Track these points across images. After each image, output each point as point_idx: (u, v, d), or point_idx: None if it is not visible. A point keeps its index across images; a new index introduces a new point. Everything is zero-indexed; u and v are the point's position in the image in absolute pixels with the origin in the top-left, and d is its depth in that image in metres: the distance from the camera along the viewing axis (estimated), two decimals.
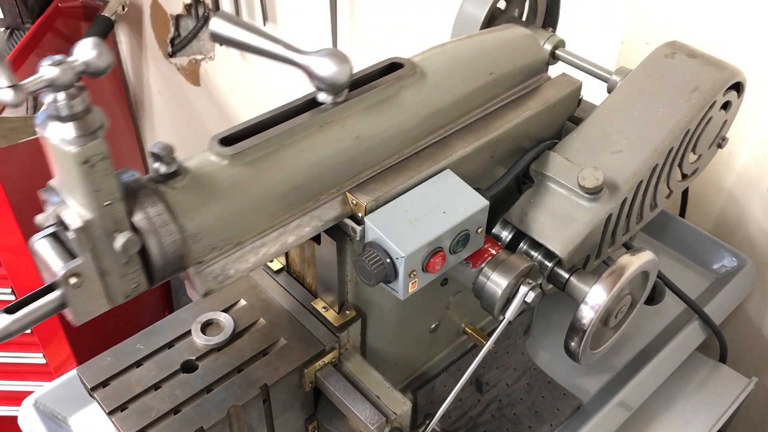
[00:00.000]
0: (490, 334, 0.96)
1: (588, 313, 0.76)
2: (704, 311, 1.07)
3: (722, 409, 1.07)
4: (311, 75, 0.66)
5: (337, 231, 0.74)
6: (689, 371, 1.11)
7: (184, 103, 1.90)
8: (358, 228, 0.71)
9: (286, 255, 0.85)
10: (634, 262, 0.77)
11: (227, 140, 0.66)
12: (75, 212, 0.56)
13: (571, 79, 0.89)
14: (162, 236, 0.59)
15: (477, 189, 0.75)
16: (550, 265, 0.82)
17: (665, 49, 0.91)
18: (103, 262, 0.58)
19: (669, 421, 1.06)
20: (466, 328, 0.96)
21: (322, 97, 0.69)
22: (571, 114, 0.91)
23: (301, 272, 0.84)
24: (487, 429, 0.97)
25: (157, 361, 0.76)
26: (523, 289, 0.74)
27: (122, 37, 1.81)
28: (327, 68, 0.66)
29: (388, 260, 0.69)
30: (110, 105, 1.83)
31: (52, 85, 0.50)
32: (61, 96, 0.51)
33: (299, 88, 0.69)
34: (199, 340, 0.77)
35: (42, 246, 0.58)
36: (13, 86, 0.49)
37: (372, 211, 0.71)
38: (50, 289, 0.58)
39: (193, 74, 1.84)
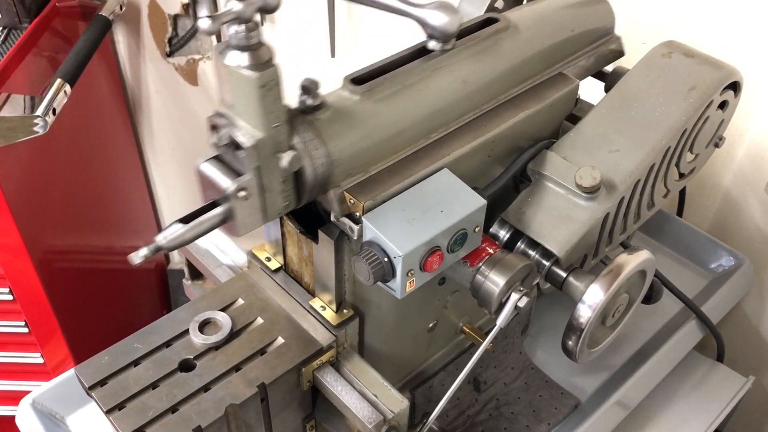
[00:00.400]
0: (487, 333, 0.96)
1: (585, 312, 0.76)
2: (701, 310, 1.07)
3: (719, 407, 1.07)
4: (425, 24, 0.73)
5: (334, 230, 0.74)
6: (686, 370, 1.11)
7: (181, 102, 1.90)
8: (356, 227, 0.71)
9: (284, 254, 0.85)
10: (631, 261, 0.77)
11: (357, 80, 0.74)
12: (248, 132, 0.63)
13: (569, 79, 0.89)
14: (315, 158, 0.67)
15: (474, 188, 0.75)
16: (547, 264, 0.82)
17: (662, 49, 0.91)
18: (265, 178, 0.65)
19: (666, 420, 1.07)
20: (464, 327, 0.96)
21: (433, 44, 0.77)
22: (568, 113, 0.91)
23: (299, 271, 0.84)
24: (485, 428, 0.97)
25: (155, 360, 0.76)
26: (514, 296, 0.74)
27: (120, 36, 1.81)
28: (440, 18, 0.72)
29: (386, 259, 0.69)
30: (108, 104, 1.82)
31: (238, 18, 0.58)
32: (242, 28, 0.58)
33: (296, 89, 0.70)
34: (197, 339, 0.77)
35: (207, 167, 0.66)
36: (212, 16, 0.56)
37: (370, 210, 0.71)
38: (213, 206, 0.65)
39: (190, 74, 1.84)
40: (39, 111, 1.19)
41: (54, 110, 1.22)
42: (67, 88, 1.27)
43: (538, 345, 1.08)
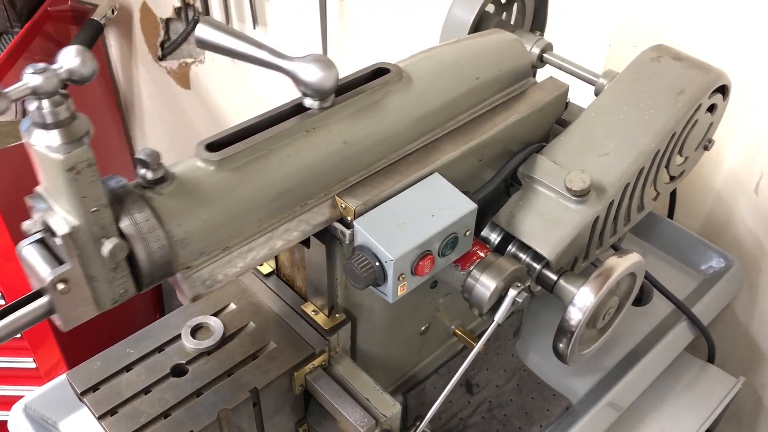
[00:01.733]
0: (479, 336, 0.96)
1: (576, 315, 0.76)
2: (692, 312, 1.08)
3: (710, 408, 1.08)
4: (297, 80, 0.67)
5: (326, 234, 0.74)
6: (678, 371, 1.12)
7: (174, 106, 1.90)
8: (348, 231, 0.71)
9: (276, 258, 0.85)
10: (621, 264, 0.77)
11: (214, 146, 0.66)
12: (62, 218, 0.56)
13: (558, 83, 0.90)
14: (149, 242, 0.59)
15: (465, 192, 0.76)
16: (538, 267, 0.82)
17: (651, 53, 0.92)
18: (90, 267, 0.58)
19: (658, 421, 1.07)
20: (456, 330, 0.96)
21: (309, 102, 0.70)
22: (558, 117, 0.91)
23: (291, 276, 0.85)
24: (478, 430, 0.98)
25: (147, 365, 0.76)
26: (512, 292, 0.74)
27: (112, 40, 1.81)
28: (313, 74, 0.66)
29: (377, 263, 0.69)
30: (100, 108, 1.82)
31: (36, 93, 0.50)
32: (46, 103, 0.51)
33: (289, 90, 0.70)
34: (189, 344, 0.78)
35: (29, 252, 0.58)
36: None
37: (361, 214, 0.71)
38: (38, 294, 0.58)
39: (183, 77, 1.84)
40: None
41: None
42: None
43: (530, 347, 1.08)
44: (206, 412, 0.72)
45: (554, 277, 0.81)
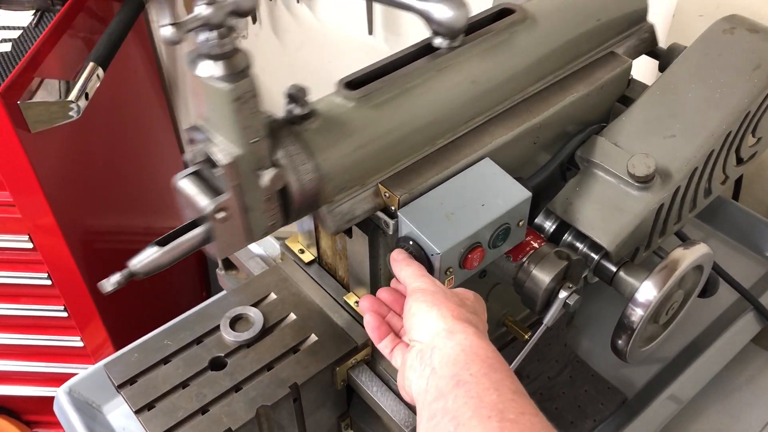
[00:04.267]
0: (530, 327, 0.92)
1: (637, 311, 0.71)
2: (759, 301, 1.01)
3: None
4: (430, 19, 0.67)
5: (369, 224, 0.70)
6: (742, 363, 1.06)
7: None
8: (391, 222, 0.68)
9: (318, 247, 0.82)
10: (687, 257, 0.72)
11: (352, 84, 0.67)
12: (224, 148, 0.58)
13: (621, 58, 0.84)
14: (301, 174, 0.62)
15: (518, 178, 0.71)
16: (596, 257, 0.77)
17: (724, 24, 0.85)
18: (247, 197, 0.60)
19: (718, 416, 1.02)
20: (506, 321, 0.92)
21: (439, 41, 0.71)
22: (620, 95, 0.86)
23: (333, 264, 0.81)
24: None
25: (185, 357, 0.74)
26: (562, 294, 0.70)
27: (155, 16, 1.79)
28: (445, 12, 0.67)
29: (423, 256, 0.65)
30: (144, 85, 1.81)
31: (207, 24, 0.52)
32: (214, 35, 0.53)
33: (338, 72, 0.69)
34: (228, 336, 0.75)
35: (186, 184, 0.60)
36: (174, 24, 0.50)
37: (406, 203, 0.67)
38: (194, 225, 0.60)
39: None
40: (71, 96, 1.18)
41: (87, 95, 1.21)
42: (100, 71, 1.25)
43: (583, 335, 1.04)
44: (245, 409, 0.70)
45: (614, 269, 0.76)
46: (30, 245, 1.34)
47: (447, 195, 0.68)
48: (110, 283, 0.59)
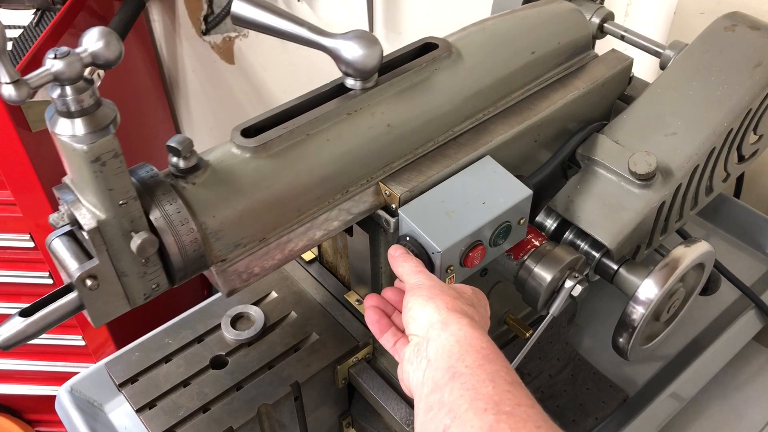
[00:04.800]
0: (532, 325, 0.92)
1: (639, 309, 0.71)
2: (761, 299, 1.01)
3: None
4: (338, 59, 0.63)
5: (370, 223, 0.70)
6: (743, 361, 1.06)
7: (218, 82, 1.88)
8: (392, 220, 0.67)
9: (318, 246, 0.82)
10: (688, 254, 0.72)
11: (250, 131, 0.62)
12: (88, 212, 0.53)
13: (621, 56, 0.83)
14: (181, 235, 0.56)
15: (519, 176, 0.71)
16: (597, 255, 0.77)
17: (725, 21, 0.84)
18: (120, 262, 0.55)
19: (720, 414, 1.01)
20: (508, 319, 0.92)
21: (351, 82, 0.66)
22: (621, 93, 0.85)
23: (334, 263, 0.81)
24: None
25: (186, 356, 0.74)
26: (568, 283, 0.69)
27: (155, 15, 1.78)
28: (354, 51, 0.62)
29: (424, 254, 0.65)
30: (145, 85, 1.81)
31: (58, 79, 0.47)
32: (69, 90, 0.48)
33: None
34: (229, 334, 0.75)
35: (58, 245, 0.55)
36: (16, 81, 0.46)
37: (406, 202, 0.67)
38: (69, 289, 0.55)
39: (227, 52, 1.81)
40: None
41: None
42: (101, 70, 1.25)
43: (584, 333, 1.03)
44: (246, 407, 0.70)
45: (615, 267, 0.76)
46: (31, 244, 1.34)
47: (448, 193, 0.68)
48: None
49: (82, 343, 1.52)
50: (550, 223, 0.79)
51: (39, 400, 1.67)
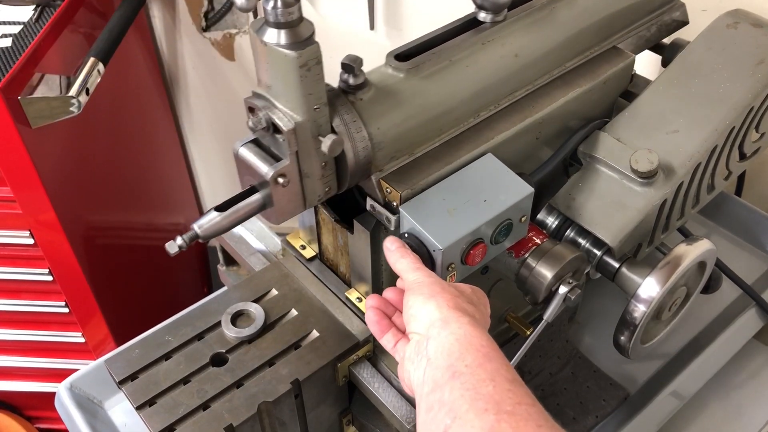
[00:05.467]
0: (533, 323, 0.91)
1: (640, 307, 0.71)
2: (762, 297, 1.01)
3: None
4: None
5: (370, 220, 0.70)
6: (744, 359, 1.06)
7: (218, 78, 1.87)
8: (393, 218, 0.67)
9: (319, 243, 0.82)
10: (690, 253, 0.72)
11: (401, 56, 0.69)
12: (286, 115, 0.59)
13: (623, 53, 0.83)
14: (356, 141, 0.63)
15: (521, 174, 0.70)
16: (598, 253, 0.77)
17: (727, 19, 0.84)
18: (305, 163, 0.62)
19: (721, 412, 1.01)
20: (508, 317, 0.92)
21: (483, 15, 0.73)
22: (623, 90, 0.85)
23: (335, 260, 0.81)
24: None
25: (186, 353, 0.74)
26: (562, 289, 0.69)
27: (155, 11, 1.78)
28: None
29: (425, 252, 0.65)
30: (145, 81, 1.81)
31: None
32: (280, 3, 0.54)
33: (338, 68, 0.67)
34: (229, 332, 0.75)
35: (245, 152, 0.62)
36: None
37: (407, 199, 0.67)
38: (251, 191, 0.63)
39: (227, 49, 1.81)
40: (72, 92, 1.17)
41: (87, 90, 1.20)
42: (101, 66, 1.24)
43: (585, 331, 1.03)
44: (246, 405, 0.69)
45: (616, 265, 0.76)
46: (31, 241, 1.33)
47: (449, 191, 0.68)
48: (174, 245, 0.61)
49: (82, 340, 1.51)
50: (552, 221, 0.79)
51: (39, 397, 1.67)
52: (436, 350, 0.55)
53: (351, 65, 0.63)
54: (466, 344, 0.55)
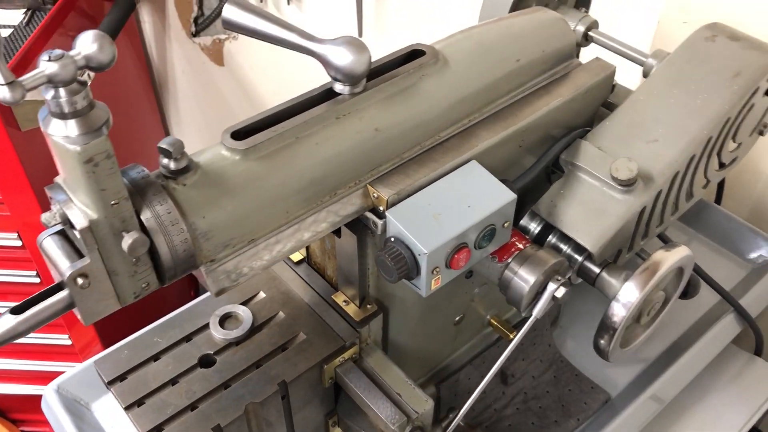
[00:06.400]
0: (516, 326, 0.93)
1: (619, 311, 0.73)
2: (740, 303, 1.03)
3: (757, 403, 1.04)
4: (327, 65, 0.64)
5: (358, 224, 0.71)
6: (722, 364, 1.08)
7: (208, 83, 1.89)
8: (380, 222, 0.69)
9: (306, 247, 0.83)
10: (668, 259, 0.73)
11: (239, 134, 0.63)
12: (80, 211, 0.54)
13: (605, 64, 0.85)
14: (171, 235, 0.57)
15: (504, 181, 0.72)
16: (579, 259, 0.78)
17: (705, 32, 0.86)
18: (111, 261, 0.56)
19: (700, 416, 1.03)
20: (492, 320, 0.93)
21: (339, 87, 0.67)
22: (604, 100, 0.87)
23: (322, 264, 0.82)
24: (512, 422, 0.95)
25: (175, 355, 0.75)
26: (551, 286, 0.71)
27: (145, 16, 1.79)
28: (344, 57, 0.63)
29: (411, 256, 0.66)
30: (134, 86, 1.82)
31: (52, 81, 0.48)
32: (63, 92, 0.49)
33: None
34: (217, 333, 0.76)
35: (49, 244, 0.56)
36: (10, 83, 0.46)
37: (394, 204, 0.68)
38: (59, 287, 0.56)
39: (216, 54, 1.82)
40: None
41: None
42: (91, 72, 1.25)
43: (568, 336, 1.05)
44: (234, 405, 0.70)
45: (597, 270, 0.77)
46: (19, 243, 1.34)
47: (434, 196, 0.69)
48: None
49: (69, 342, 1.52)
50: (534, 227, 0.80)
51: (24, 400, 1.67)
52: None
53: (168, 149, 0.58)
54: None
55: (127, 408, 0.70)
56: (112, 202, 0.54)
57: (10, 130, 1.17)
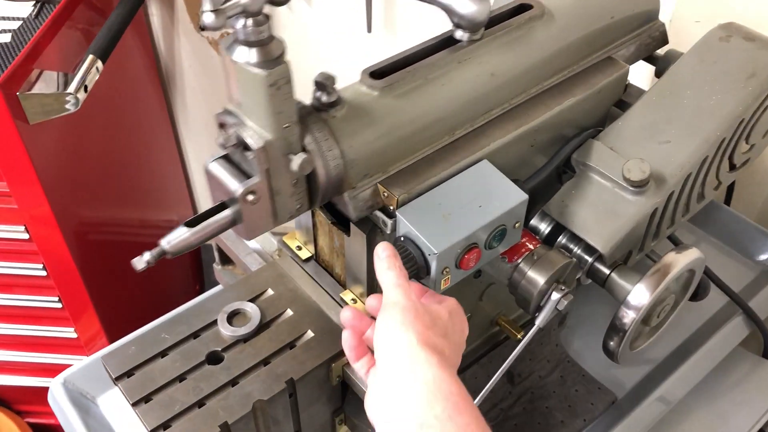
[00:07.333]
0: (523, 327, 0.93)
1: (629, 314, 0.72)
2: (749, 305, 1.02)
3: (765, 406, 1.03)
4: (451, 12, 0.69)
5: (367, 223, 0.71)
6: (730, 366, 1.07)
7: (214, 78, 1.88)
8: (389, 221, 0.68)
9: (315, 244, 0.83)
10: (679, 261, 0.73)
11: (376, 74, 0.69)
12: (256, 133, 0.59)
13: (618, 63, 0.84)
14: (328, 159, 0.64)
15: (515, 181, 0.72)
16: (590, 260, 0.78)
17: (720, 32, 0.85)
18: (276, 180, 0.62)
19: (707, 418, 1.03)
20: (499, 320, 0.93)
21: (460, 34, 0.73)
22: (616, 100, 0.86)
23: (330, 262, 0.82)
24: (518, 422, 0.95)
25: (182, 351, 0.75)
26: (555, 296, 0.71)
27: (153, 9, 1.78)
28: (468, 7, 0.68)
29: (420, 256, 0.66)
30: (142, 79, 1.81)
31: (245, 11, 0.54)
32: (251, 22, 0.55)
33: (339, 63, 0.67)
34: (225, 330, 0.76)
35: (216, 167, 0.63)
36: (216, 10, 0.52)
37: (404, 203, 0.68)
38: (222, 207, 0.63)
39: None
40: (70, 88, 1.18)
41: (86, 87, 1.21)
42: (99, 64, 1.25)
43: (575, 335, 1.04)
44: (241, 403, 0.70)
45: (607, 271, 0.77)
46: (26, 236, 1.34)
47: (445, 196, 0.69)
48: (142, 261, 0.60)
49: (74, 335, 1.52)
50: (545, 227, 0.80)
51: (29, 392, 1.67)
52: (401, 394, 0.53)
53: (324, 83, 0.63)
54: (435, 390, 0.52)
55: (134, 404, 0.70)
56: (285, 125, 0.60)
57: (18, 123, 1.16)
